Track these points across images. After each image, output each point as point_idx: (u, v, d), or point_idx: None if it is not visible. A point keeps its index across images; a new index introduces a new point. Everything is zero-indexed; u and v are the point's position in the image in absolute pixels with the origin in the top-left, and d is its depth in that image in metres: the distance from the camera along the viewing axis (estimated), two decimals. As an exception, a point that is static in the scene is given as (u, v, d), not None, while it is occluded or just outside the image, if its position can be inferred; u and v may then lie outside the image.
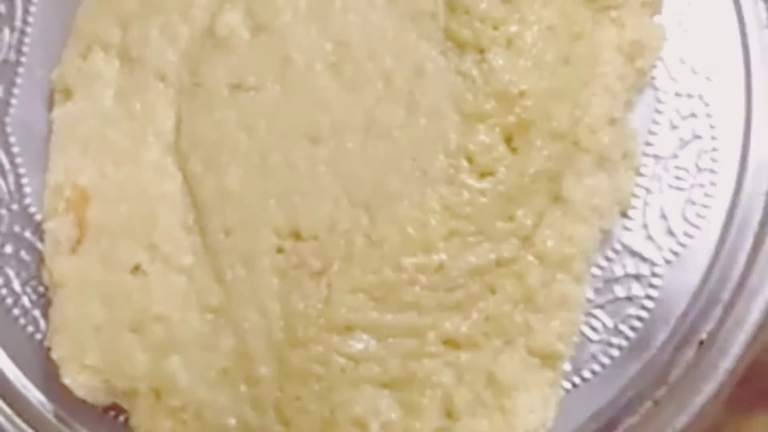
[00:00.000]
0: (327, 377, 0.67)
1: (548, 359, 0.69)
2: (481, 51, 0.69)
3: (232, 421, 0.68)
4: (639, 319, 0.72)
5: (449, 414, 0.67)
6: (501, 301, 0.68)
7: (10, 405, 0.75)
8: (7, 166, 0.77)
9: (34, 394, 0.75)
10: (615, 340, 0.72)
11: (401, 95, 0.69)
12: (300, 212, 0.69)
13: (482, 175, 0.68)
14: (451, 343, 0.68)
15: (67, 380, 0.70)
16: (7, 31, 0.80)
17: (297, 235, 0.69)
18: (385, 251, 0.68)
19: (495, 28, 0.69)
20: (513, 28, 0.69)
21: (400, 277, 0.67)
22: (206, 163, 0.71)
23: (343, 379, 0.67)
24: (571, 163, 0.70)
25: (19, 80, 0.79)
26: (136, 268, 0.70)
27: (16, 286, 0.76)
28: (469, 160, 0.68)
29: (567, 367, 0.72)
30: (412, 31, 0.70)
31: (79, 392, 0.70)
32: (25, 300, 0.76)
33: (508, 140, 0.68)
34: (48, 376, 0.72)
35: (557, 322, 0.69)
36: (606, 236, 0.72)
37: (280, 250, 0.69)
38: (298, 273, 0.68)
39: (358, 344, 0.67)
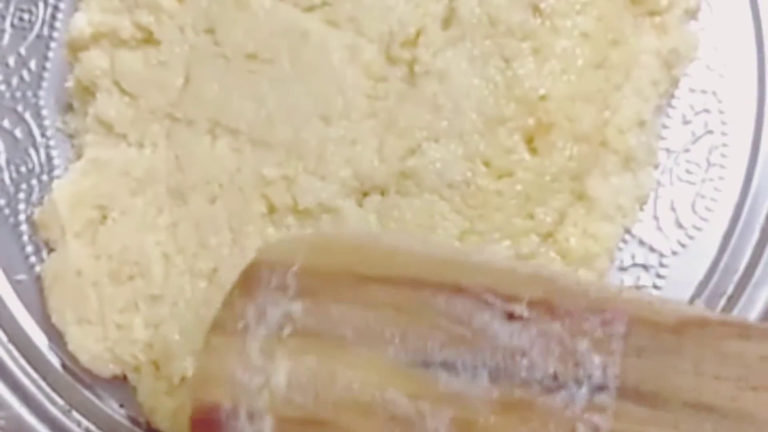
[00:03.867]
0: None
1: None
2: (507, 60, 0.67)
3: None
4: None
5: None
6: None
7: (35, 367, 0.73)
8: (39, 138, 0.76)
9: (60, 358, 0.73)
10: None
11: (424, 96, 0.67)
12: (300, 188, 0.66)
13: (499, 177, 0.66)
14: None
15: (71, 347, 0.69)
16: (41, 6, 0.77)
17: (294, 209, 0.66)
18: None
19: (523, 40, 0.67)
20: (543, 39, 0.67)
21: None
22: (206, 128, 0.68)
23: None
24: (597, 163, 0.68)
25: (51, 54, 0.76)
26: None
27: (46, 254, 0.73)
28: (486, 163, 0.66)
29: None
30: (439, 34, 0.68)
31: (83, 359, 0.69)
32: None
33: (528, 141, 0.66)
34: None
35: None
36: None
37: (269, 220, 0.67)
38: None
39: None
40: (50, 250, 0.72)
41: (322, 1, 0.69)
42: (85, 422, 0.72)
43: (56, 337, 0.71)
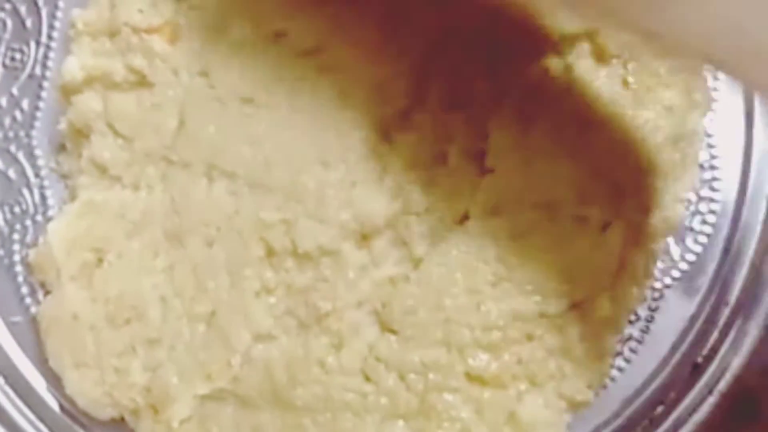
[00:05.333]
0: (330, 409, 0.64)
1: (576, 405, 0.66)
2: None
3: None
4: (638, 341, 0.70)
5: None
6: (537, 348, 0.65)
7: (33, 409, 0.72)
8: (32, 178, 0.74)
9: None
10: (615, 362, 0.70)
11: None
12: (299, 232, 0.65)
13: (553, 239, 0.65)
14: (476, 379, 0.64)
15: (69, 391, 0.67)
16: (33, 45, 0.76)
17: (294, 252, 0.65)
18: (424, 292, 0.64)
19: None
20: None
21: (436, 316, 0.64)
22: (202, 171, 0.67)
23: (347, 410, 0.64)
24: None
25: (44, 94, 0.75)
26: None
27: (41, 296, 0.72)
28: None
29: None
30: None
31: (81, 402, 0.67)
32: (49, 308, 0.72)
33: None
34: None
35: (590, 372, 0.66)
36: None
37: (268, 263, 0.66)
38: (300, 311, 0.65)
39: (368, 386, 0.64)
40: (46, 292, 0.70)
41: (315, 47, 0.68)
42: (83, 463, 0.71)
43: (54, 379, 0.69)
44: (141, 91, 0.69)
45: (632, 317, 0.70)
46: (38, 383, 0.72)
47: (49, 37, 0.76)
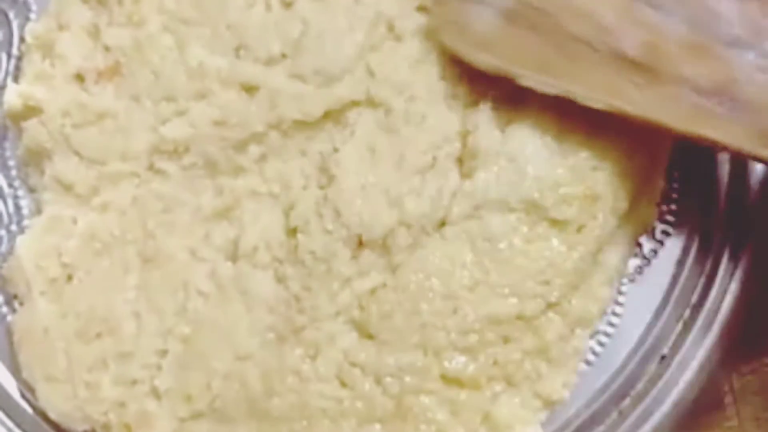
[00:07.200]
0: (306, 417, 0.63)
1: (551, 403, 0.66)
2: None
3: None
4: (605, 334, 0.70)
5: None
6: (513, 350, 0.64)
7: (9, 416, 0.70)
8: (6, 188, 0.73)
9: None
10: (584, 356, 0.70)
11: None
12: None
13: (531, 241, 0.65)
14: (453, 381, 0.63)
15: (41, 403, 0.66)
16: (4, 57, 0.75)
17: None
18: (401, 298, 0.63)
19: None
20: None
21: (413, 321, 0.63)
22: None
23: (323, 416, 0.63)
24: (618, 233, 0.68)
25: (16, 106, 0.74)
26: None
27: (17, 306, 0.71)
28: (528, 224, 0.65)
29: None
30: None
31: (53, 415, 0.66)
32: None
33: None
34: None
35: (565, 371, 0.66)
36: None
37: None
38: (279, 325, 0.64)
39: (344, 391, 0.63)
40: (21, 302, 0.69)
41: (281, 53, 0.67)
42: (60, 469, 0.69)
43: (29, 387, 0.68)
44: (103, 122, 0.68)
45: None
46: (14, 390, 0.70)
47: (20, 50, 0.75)
